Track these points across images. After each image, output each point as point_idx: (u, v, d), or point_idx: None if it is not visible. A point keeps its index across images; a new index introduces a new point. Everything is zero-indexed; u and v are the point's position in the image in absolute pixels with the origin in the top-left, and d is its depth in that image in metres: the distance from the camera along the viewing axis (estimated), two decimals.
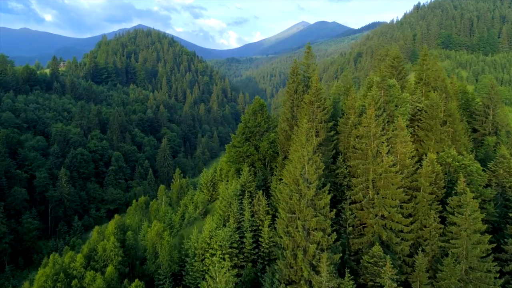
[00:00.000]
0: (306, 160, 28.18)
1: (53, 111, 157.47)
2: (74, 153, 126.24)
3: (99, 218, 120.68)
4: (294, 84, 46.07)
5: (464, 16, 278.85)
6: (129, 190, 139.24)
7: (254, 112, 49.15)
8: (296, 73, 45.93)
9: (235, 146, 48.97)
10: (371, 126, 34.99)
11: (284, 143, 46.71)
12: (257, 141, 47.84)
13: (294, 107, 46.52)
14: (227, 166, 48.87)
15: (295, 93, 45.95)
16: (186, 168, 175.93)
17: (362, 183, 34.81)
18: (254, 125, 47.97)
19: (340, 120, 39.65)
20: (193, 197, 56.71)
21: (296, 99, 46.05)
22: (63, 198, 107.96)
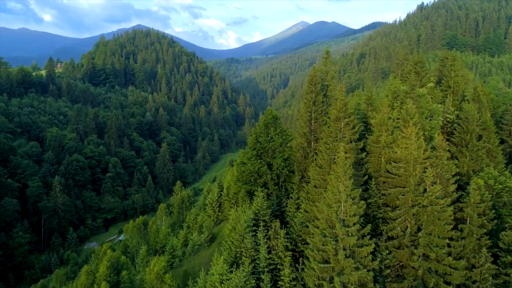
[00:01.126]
0: (344, 198, 22.79)
1: (48, 115, 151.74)
2: (70, 160, 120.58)
3: (96, 228, 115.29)
4: (312, 94, 40.53)
5: (469, 16, 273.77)
6: (127, 197, 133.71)
7: (266, 125, 43.58)
8: (314, 82, 40.39)
9: (245, 163, 43.45)
10: (411, 148, 29.49)
11: (301, 161, 41.21)
12: (270, 158, 42.28)
13: (312, 120, 40.99)
14: (235, 186, 43.34)
15: (314, 104, 40.43)
16: (187, 173, 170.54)
17: (401, 215, 29.32)
18: (266, 140, 42.43)
19: (370, 139, 34.21)
20: (197, 217, 51.26)
21: (314, 112, 40.53)
22: (57, 208, 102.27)
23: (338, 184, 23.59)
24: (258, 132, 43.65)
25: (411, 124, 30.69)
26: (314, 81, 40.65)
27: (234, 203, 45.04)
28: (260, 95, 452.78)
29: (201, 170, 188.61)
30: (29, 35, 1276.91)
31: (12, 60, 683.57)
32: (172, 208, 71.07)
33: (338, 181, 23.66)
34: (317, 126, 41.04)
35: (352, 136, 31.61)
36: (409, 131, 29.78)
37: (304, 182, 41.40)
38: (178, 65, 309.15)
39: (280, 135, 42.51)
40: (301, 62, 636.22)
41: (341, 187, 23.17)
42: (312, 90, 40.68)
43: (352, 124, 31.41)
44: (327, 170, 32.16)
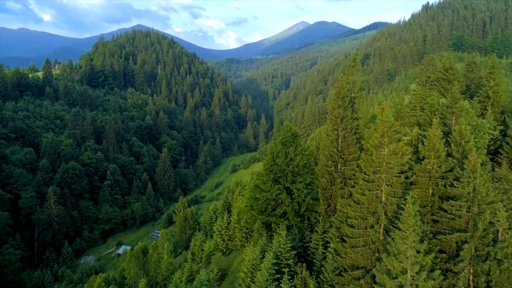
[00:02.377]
0: (416, 269, 16.98)
1: (44, 119, 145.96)
2: (66, 168, 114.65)
3: (93, 241, 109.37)
4: (339, 109, 34.66)
5: (476, 16, 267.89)
6: (126, 206, 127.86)
7: (284, 144, 37.70)
8: (342, 95, 34.52)
9: (259, 187, 37.58)
10: (475, 183, 23.62)
11: (327, 187, 35.36)
12: (289, 183, 36.42)
13: (340, 139, 35.12)
14: (249, 214, 37.48)
15: (342, 121, 34.55)
16: (188, 179, 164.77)
17: (465, 268, 23.46)
18: (285, 162, 36.55)
19: (416, 168, 28.35)
20: (203, 244, 45.52)
21: (342, 129, 34.66)
22: (52, 221, 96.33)
23: (404, 248, 17.81)
24: (275, 152, 37.75)
25: (473, 153, 24.79)
26: (342, 94, 34.77)
27: (246, 233, 39.22)
28: (262, 96, 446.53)
29: (203, 176, 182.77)
30: (29, 35, 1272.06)
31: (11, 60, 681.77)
32: (175, 227, 65.34)
33: (405, 243, 17.87)
34: (345, 146, 35.18)
35: (402, 167, 25.72)
36: (472, 161, 23.90)
37: (330, 211, 35.61)
38: (178, 66, 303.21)
39: (301, 156, 36.61)
40: (303, 63, 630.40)
41: (410, 252, 17.39)
42: (340, 104, 34.80)
43: (401, 151, 25.56)
44: (368, 207, 26.29)
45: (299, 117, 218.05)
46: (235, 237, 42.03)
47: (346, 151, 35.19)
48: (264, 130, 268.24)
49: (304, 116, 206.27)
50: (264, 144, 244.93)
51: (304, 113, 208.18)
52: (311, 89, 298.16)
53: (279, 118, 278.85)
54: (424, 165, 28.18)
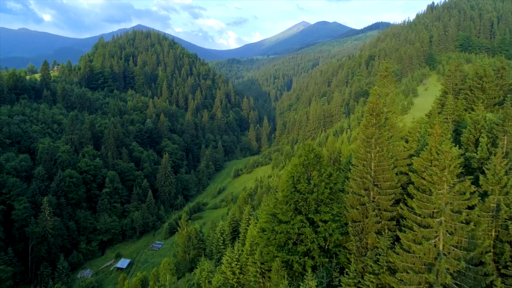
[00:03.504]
0: None
1: (41, 124, 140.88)
2: (62, 176, 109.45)
3: (90, 253, 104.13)
4: (373, 129, 29.43)
5: (483, 16, 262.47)
6: (126, 215, 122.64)
7: (305, 167, 32.48)
8: (377, 111, 29.30)
9: (278, 217, 32.36)
10: None
11: (358, 218, 30.16)
12: (312, 213, 31.18)
13: (373, 162, 29.88)
14: (265, 249, 32.30)
15: (376, 143, 29.31)
16: (189, 185, 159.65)
17: None
18: (308, 189, 31.32)
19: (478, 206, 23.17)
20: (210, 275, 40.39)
21: (377, 152, 29.44)
22: (47, 234, 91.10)
23: None
24: (296, 176, 32.49)
25: None
26: (376, 111, 29.52)
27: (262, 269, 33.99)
28: (263, 98, 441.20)
29: (205, 181, 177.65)
30: (29, 35, 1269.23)
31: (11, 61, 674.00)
32: (177, 247, 60.26)
33: None
34: (379, 172, 29.92)
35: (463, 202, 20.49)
36: None
37: (362, 247, 30.34)
38: (179, 68, 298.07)
39: (327, 182, 31.35)
40: (304, 63, 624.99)
41: None
42: (374, 123, 29.54)
43: (468, 191, 20.34)
44: (422, 258, 21.05)
45: (303, 120, 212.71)
46: (248, 270, 36.87)
47: (381, 177, 29.94)
48: (266, 133, 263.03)
49: (308, 119, 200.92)
50: (267, 147, 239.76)
51: (309, 116, 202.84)
52: (314, 91, 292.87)
53: (282, 120, 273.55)
54: (488, 203, 22.91)
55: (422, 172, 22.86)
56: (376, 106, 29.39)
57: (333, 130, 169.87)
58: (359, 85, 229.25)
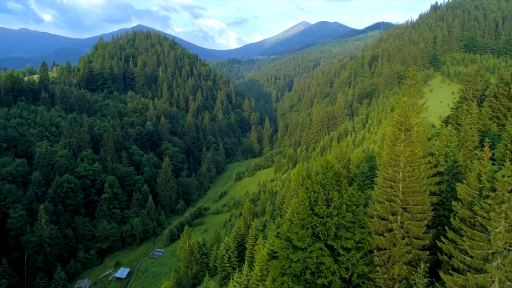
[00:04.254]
0: None
1: (39, 127, 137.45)
2: (60, 181, 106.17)
3: (89, 261, 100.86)
4: (401, 146, 26.04)
5: (488, 17, 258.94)
6: (125, 221, 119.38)
7: (323, 187, 29.07)
8: (406, 126, 25.92)
9: (293, 243, 28.99)
10: None
11: (386, 246, 26.74)
12: (332, 239, 27.79)
13: (400, 184, 26.51)
14: (280, 279, 28.95)
15: (406, 161, 25.91)
16: (191, 189, 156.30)
17: None
18: (327, 213, 27.93)
19: None
20: None
21: (406, 172, 26.06)
22: (43, 243, 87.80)
23: None
24: (313, 197, 29.08)
25: None
26: (406, 126, 26.11)
27: None
28: (264, 98, 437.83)
29: (206, 184, 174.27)
30: (29, 35, 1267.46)
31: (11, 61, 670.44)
32: (179, 261, 56.98)
33: None
34: (409, 194, 26.53)
35: None
36: None
37: (389, 279, 26.93)
38: (180, 69, 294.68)
39: (348, 205, 27.94)
40: (305, 63, 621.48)
41: None
42: (403, 139, 26.13)
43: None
44: None
45: (306, 122, 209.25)
46: None
47: (411, 200, 26.56)
48: (268, 134, 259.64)
49: (312, 122, 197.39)
50: (269, 149, 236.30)
51: (312, 118, 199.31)
52: (316, 92, 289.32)
53: (283, 122, 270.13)
54: None
55: (470, 203, 19.47)
56: (406, 120, 25.99)
57: (337, 133, 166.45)
58: (363, 86, 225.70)
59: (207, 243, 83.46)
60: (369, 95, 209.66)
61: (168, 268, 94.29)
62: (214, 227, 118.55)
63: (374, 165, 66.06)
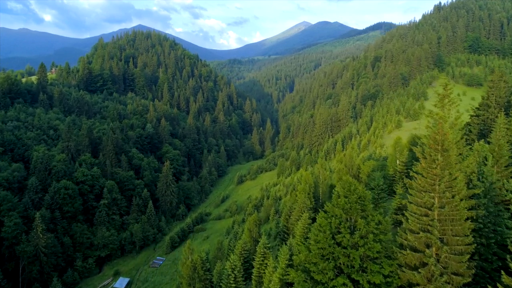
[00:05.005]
0: None
1: (36, 130, 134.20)
2: (57, 187, 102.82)
3: (87, 271, 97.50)
4: (437, 169, 22.65)
5: (493, 17, 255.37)
6: (125, 227, 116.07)
7: (346, 212, 25.75)
8: (446, 146, 22.58)
9: (311, 275, 25.71)
10: None
11: (419, 282, 23.39)
12: (357, 272, 24.48)
13: (435, 210, 23.18)
14: None
15: (445, 187, 22.57)
16: (192, 194, 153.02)
17: None
18: (351, 243, 24.61)
19: None
20: None
21: (443, 198, 22.74)
22: (39, 252, 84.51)
23: None
24: (334, 224, 25.74)
25: None
26: (445, 145, 22.72)
27: None
28: (266, 99, 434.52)
29: (207, 188, 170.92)
30: (29, 35, 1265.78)
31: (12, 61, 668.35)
32: (180, 278, 53.94)
33: None
34: (447, 224, 23.16)
35: None
36: None
37: None
38: (180, 69, 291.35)
39: (375, 234, 24.59)
40: (306, 64, 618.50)
41: None
42: (440, 162, 22.75)
43: None
44: None
45: (309, 124, 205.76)
46: None
47: (449, 230, 23.21)
48: (270, 136, 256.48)
49: (315, 124, 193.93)
50: (271, 152, 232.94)
51: (315, 120, 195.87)
52: (318, 93, 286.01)
53: (285, 123, 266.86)
54: None
55: None
56: (444, 138, 22.61)
57: (341, 136, 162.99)
58: (366, 87, 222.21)
59: (209, 254, 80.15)
60: (373, 97, 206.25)
61: (169, 278, 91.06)
62: (216, 234, 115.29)
63: (386, 174, 62.73)
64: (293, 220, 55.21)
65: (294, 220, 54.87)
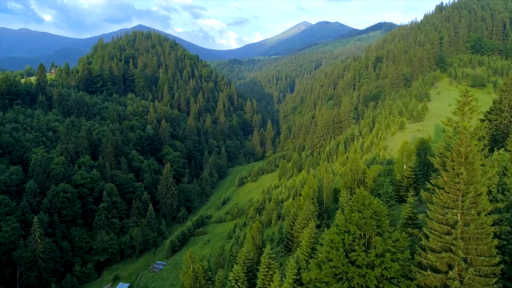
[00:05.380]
0: None
1: (35, 131, 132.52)
2: (56, 191, 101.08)
3: (86, 276, 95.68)
4: (462, 184, 20.93)
5: (495, 17, 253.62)
6: (125, 231, 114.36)
7: (361, 228, 24.04)
8: (470, 159, 20.86)
9: None
10: None
11: None
12: None
13: (460, 229, 21.45)
14: None
15: (471, 204, 20.84)
16: (192, 196, 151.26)
17: None
18: (367, 262, 22.89)
19: None
20: None
21: (468, 215, 21.01)
22: (37, 258, 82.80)
23: None
24: (347, 240, 24.02)
25: None
26: (470, 158, 21.00)
27: None
28: (266, 99, 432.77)
29: (208, 190, 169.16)
30: (29, 35, 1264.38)
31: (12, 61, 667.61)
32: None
33: None
34: (470, 242, 21.43)
35: None
36: None
37: None
38: (181, 70, 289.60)
39: (393, 252, 22.87)
40: (307, 64, 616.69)
41: None
42: (464, 175, 21.02)
43: None
44: None
45: (310, 125, 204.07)
46: None
47: (472, 250, 21.47)
48: (270, 137, 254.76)
49: (317, 125, 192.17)
50: (272, 153, 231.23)
51: (317, 122, 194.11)
52: (320, 94, 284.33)
53: (286, 124, 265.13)
54: None
55: None
56: (469, 151, 20.87)
57: (344, 137, 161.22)
58: (368, 88, 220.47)
59: (211, 260, 78.48)
60: (375, 98, 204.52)
61: (170, 283, 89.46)
62: (217, 238, 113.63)
63: (393, 179, 60.99)
64: (298, 228, 53.51)
65: (299, 227, 53.16)
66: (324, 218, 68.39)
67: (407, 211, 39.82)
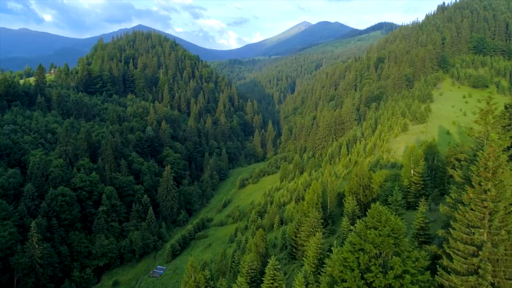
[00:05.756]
0: None
1: (33, 133, 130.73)
2: (54, 194, 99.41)
3: (84, 281, 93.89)
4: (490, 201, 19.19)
5: (498, 17, 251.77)
6: (124, 235, 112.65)
7: (377, 246, 22.31)
8: (499, 175, 19.13)
9: None
10: None
11: None
12: None
13: (486, 248, 19.68)
14: None
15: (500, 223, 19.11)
16: (193, 198, 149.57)
17: None
18: (384, 284, 21.16)
19: None
20: None
21: (496, 234, 19.27)
22: (35, 264, 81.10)
23: None
24: (363, 260, 22.28)
25: None
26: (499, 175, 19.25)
27: None
28: (267, 100, 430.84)
29: (209, 192, 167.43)
30: (29, 35, 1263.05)
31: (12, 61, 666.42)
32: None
33: None
34: (499, 265, 19.67)
35: None
36: None
37: None
38: (181, 70, 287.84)
39: (412, 273, 21.12)
40: (307, 64, 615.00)
41: None
42: (492, 192, 19.27)
43: None
44: None
45: (312, 126, 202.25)
46: None
47: (500, 272, 19.72)
48: (271, 138, 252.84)
49: (318, 127, 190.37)
50: (273, 154, 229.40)
51: (318, 123, 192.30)
52: (321, 94, 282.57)
53: (287, 125, 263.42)
54: None
55: None
56: (498, 165, 19.11)
57: (346, 139, 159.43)
58: (370, 89, 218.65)
59: (212, 265, 76.75)
60: (377, 99, 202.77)
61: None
62: (218, 241, 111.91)
63: (400, 185, 59.22)
64: (303, 236, 51.77)
65: (304, 235, 51.42)
66: (329, 224, 66.73)
67: (418, 221, 38.12)
